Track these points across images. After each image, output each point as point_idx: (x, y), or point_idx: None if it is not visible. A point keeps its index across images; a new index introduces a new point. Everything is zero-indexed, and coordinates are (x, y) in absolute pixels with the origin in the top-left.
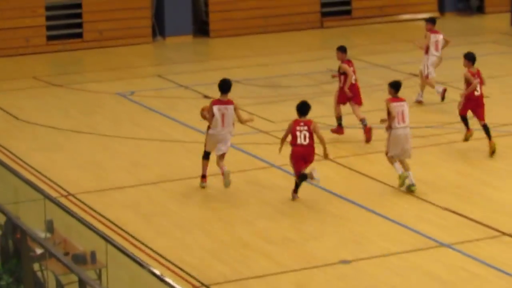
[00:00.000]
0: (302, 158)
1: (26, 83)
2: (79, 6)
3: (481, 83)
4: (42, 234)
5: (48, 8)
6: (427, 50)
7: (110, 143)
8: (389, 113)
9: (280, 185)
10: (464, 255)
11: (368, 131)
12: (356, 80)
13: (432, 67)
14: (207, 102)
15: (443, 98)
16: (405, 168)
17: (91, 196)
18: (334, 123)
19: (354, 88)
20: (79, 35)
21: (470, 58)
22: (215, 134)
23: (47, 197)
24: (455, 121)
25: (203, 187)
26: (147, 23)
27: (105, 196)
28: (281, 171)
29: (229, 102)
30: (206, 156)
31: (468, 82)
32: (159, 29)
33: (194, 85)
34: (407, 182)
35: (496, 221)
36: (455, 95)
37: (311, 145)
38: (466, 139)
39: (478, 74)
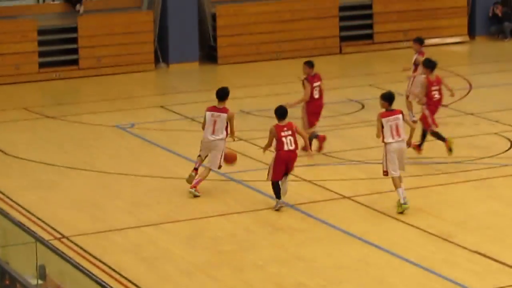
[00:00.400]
0: (286, 164)
1: (17, 115)
2: (74, 30)
3: (440, 90)
4: (33, 281)
5: (40, 32)
6: (415, 70)
7: (108, 181)
8: (382, 127)
9: (294, 226)
10: None
11: (322, 139)
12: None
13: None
14: None
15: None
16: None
17: (87, 238)
18: (358, 157)
19: (314, 105)
20: (75, 62)
21: (428, 65)
22: (204, 140)
23: (39, 240)
24: (486, 155)
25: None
26: (150, 48)
27: (103, 239)
28: (295, 210)
29: (223, 110)
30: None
31: (426, 89)
32: (162, 55)
33: (200, 116)
34: (401, 201)
35: None
36: (488, 127)
37: (295, 150)
38: (450, 149)
39: (437, 81)
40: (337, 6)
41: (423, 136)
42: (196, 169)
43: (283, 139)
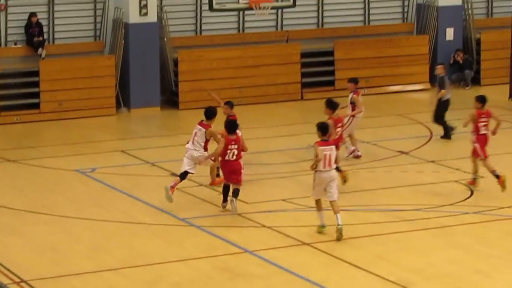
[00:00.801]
0: (232, 171)
1: None
2: (36, 73)
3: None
4: None
5: (2, 76)
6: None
7: (68, 225)
8: (316, 155)
9: (253, 273)
10: None
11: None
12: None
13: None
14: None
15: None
16: (335, 210)
17: (46, 283)
18: (314, 204)
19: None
20: (36, 106)
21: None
22: (187, 148)
23: None
24: (446, 203)
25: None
26: (111, 93)
27: (62, 284)
28: (254, 257)
29: (205, 126)
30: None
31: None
32: (124, 100)
33: (161, 161)
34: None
35: None
36: (449, 175)
37: (238, 159)
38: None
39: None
40: (299, 52)
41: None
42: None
43: (228, 151)
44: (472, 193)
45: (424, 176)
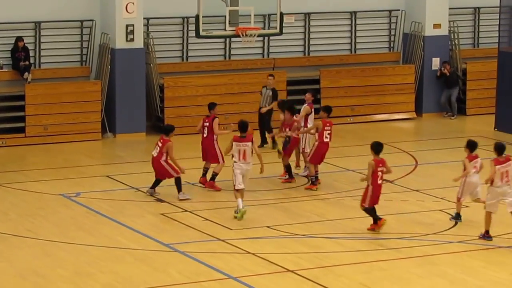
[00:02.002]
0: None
1: None
2: (22, 98)
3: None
4: None
5: None
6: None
7: (52, 249)
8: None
9: None
10: None
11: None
12: None
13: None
14: (160, 206)
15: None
16: (240, 196)
17: None
18: (302, 231)
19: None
20: (21, 130)
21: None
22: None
23: None
24: (430, 232)
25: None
26: (97, 118)
27: None
28: (239, 283)
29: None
30: None
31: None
32: (109, 125)
33: (146, 187)
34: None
35: None
36: (433, 204)
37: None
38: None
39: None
40: (285, 80)
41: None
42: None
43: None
44: (456, 223)
45: (408, 205)
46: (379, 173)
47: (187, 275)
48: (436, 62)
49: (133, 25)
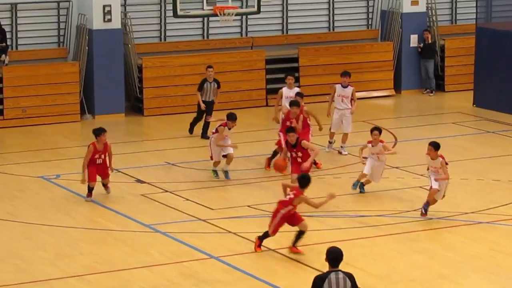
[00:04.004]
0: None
1: None
2: None
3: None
4: None
5: None
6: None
7: (32, 232)
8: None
9: (218, 279)
10: None
11: None
12: None
13: None
14: (140, 187)
15: None
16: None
17: None
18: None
19: None
20: (0, 113)
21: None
22: None
23: None
24: (410, 209)
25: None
26: (75, 99)
27: None
28: (220, 263)
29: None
30: None
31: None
32: (88, 106)
33: (125, 168)
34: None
35: None
36: (413, 181)
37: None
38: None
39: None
40: (263, 59)
41: None
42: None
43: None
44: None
45: (389, 182)
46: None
47: (168, 256)
48: (414, 39)
49: (110, 6)
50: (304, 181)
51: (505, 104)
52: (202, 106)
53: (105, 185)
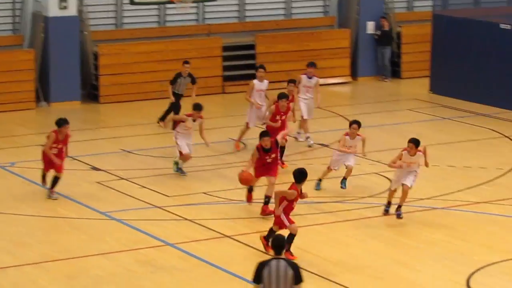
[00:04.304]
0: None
1: None
2: None
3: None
4: None
5: None
6: None
7: None
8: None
9: (175, 266)
10: None
11: None
12: None
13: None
14: (96, 175)
15: None
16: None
17: None
18: (239, 196)
19: None
20: None
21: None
22: None
23: None
24: (366, 195)
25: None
26: (31, 87)
27: None
28: (177, 250)
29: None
30: None
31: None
32: (43, 94)
33: (81, 155)
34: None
35: None
36: (369, 167)
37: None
38: None
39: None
40: (220, 46)
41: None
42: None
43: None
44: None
45: (345, 168)
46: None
47: (125, 243)
48: (370, 26)
49: None
50: (301, 176)
51: (460, 91)
52: (172, 98)
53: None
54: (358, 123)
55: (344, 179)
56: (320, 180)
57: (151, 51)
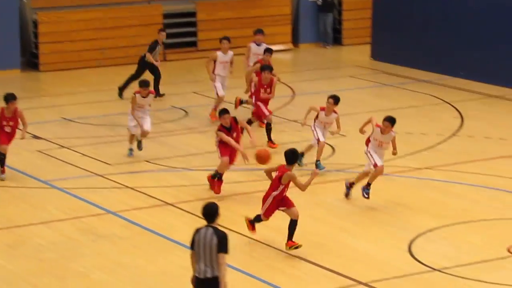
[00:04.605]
0: None
1: None
2: None
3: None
4: None
5: None
6: None
7: None
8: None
9: (117, 234)
10: None
11: None
12: None
13: None
14: (36, 143)
15: None
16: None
17: None
18: (181, 164)
19: None
20: None
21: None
22: None
23: None
24: (308, 162)
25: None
26: None
27: None
28: (118, 218)
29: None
30: None
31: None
32: None
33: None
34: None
35: (351, 269)
36: (311, 134)
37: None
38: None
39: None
40: (161, 13)
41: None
42: None
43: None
44: (334, 151)
45: (287, 135)
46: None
47: (66, 211)
48: None
49: None
50: (292, 156)
51: (402, 57)
52: (157, 63)
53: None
54: (334, 98)
55: (317, 161)
56: (302, 154)
57: (91, 19)
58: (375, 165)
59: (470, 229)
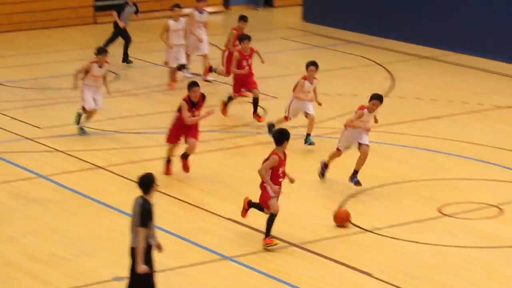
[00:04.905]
0: None
1: None
2: None
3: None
4: None
5: None
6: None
7: None
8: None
9: (47, 197)
10: (248, 268)
11: None
12: None
13: None
14: None
15: None
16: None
17: None
18: (111, 127)
19: None
20: None
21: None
22: None
23: None
24: (240, 123)
25: None
26: None
27: None
28: (49, 182)
29: None
30: None
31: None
32: None
33: None
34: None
35: (282, 231)
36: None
37: None
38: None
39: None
40: None
41: None
42: None
43: None
44: (266, 112)
45: (219, 97)
46: None
47: None
48: None
49: None
50: (281, 137)
51: (333, 19)
52: (121, 24)
53: None
54: (315, 65)
55: (308, 135)
56: (273, 125)
57: None
58: (360, 145)
59: (401, 190)
